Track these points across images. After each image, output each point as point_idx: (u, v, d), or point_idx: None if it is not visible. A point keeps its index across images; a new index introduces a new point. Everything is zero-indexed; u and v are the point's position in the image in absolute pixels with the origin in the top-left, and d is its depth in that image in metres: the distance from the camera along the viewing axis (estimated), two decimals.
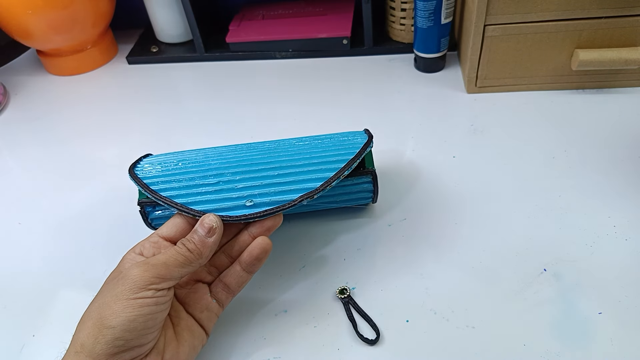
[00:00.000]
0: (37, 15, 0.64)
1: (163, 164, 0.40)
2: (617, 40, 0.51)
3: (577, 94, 0.56)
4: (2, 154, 0.60)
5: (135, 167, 0.41)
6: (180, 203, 0.36)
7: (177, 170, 0.39)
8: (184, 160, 0.40)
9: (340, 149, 0.40)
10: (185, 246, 0.33)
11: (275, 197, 0.36)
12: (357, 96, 0.61)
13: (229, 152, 0.41)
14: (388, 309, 0.37)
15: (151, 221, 0.41)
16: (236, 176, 0.38)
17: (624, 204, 0.43)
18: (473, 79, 0.57)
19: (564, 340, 0.34)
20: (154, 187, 0.38)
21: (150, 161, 0.41)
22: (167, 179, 0.38)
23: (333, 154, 0.39)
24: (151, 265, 0.31)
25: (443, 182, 0.47)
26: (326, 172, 0.37)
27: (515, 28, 0.52)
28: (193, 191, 0.37)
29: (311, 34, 0.68)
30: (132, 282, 0.30)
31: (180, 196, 0.37)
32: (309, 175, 0.37)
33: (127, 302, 0.29)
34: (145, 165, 0.40)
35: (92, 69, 0.74)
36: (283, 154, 0.39)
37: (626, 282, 0.37)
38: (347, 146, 0.40)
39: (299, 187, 0.37)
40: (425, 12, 0.57)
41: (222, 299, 0.36)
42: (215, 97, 0.64)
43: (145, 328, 0.30)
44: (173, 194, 0.37)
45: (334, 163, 0.38)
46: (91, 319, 0.30)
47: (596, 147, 0.49)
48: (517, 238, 0.41)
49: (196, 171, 0.39)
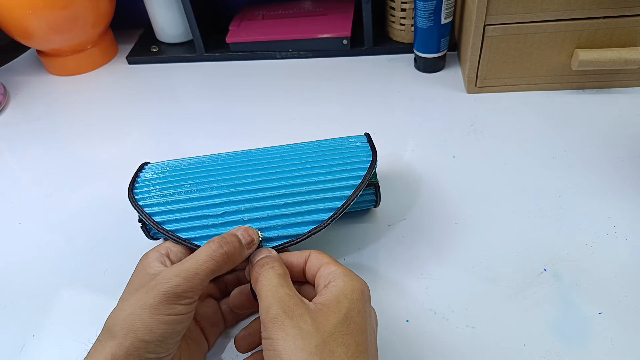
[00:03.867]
0: (37, 15, 0.64)
1: (163, 185, 0.40)
2: (617, 40, 0.51)
3: (577, 94, 0.56)
4: (2, 154, 0.60)
5: (134, 187, 0.40)
6: (186, 238, 0.36)
7: (178, 196, 0.38)
8: (185, 178, 0.40)
9: (345, 169, 0.39)
10: (223, 249, 0.32)
11: (284, 232, 0.36)
12: (357, 96, 0.61)
13: (230, 167, 0.40)
14: (388, 309, 0.37)
15: (154, 235, 0.41)
16: (241, 205, 0.37)
17: (624, 204, 0.43)
18: (473, 79, 0.57)
19: (563, 340, 0.34)
20: (156, 219, 0.37)
21: (150, 179, 0.41)
22: (169, 207, 0.38)
23: (339, 178, 0.38)
24: (183, 278, 0.29)
25: (443, 182, 0.47)
26: (334, 201, 0.37)
27: (516, 28, 0.52)
28: (198, 224, 0.37)
29: (311, 34, 0.68)
30: (164, 295, 0.29)
31: (185, 230, 0.36)
32: (316, 205, 0.37)
33: (161, 318, 0.28)
34: (145, 187, 0.40)
35: (92, 69, 0.74)
36: (287, 174, 0.39)
37: (626, 282, 0.37)
38: (352, 164, 0.39)
39: (307, 220, 0.36)
40: (425, 12, 0.57)
41: (229, 319, 0.37)
42: (215, 97, 0.64)
43: (175, 340, 0.29)
44: (177, 228, 0.37)
45: (341, 190, 0.37)
46: (122, 330, 0.28)
47: (596, 147, 0.49)
48: (517, 238, 0.41)
49: (199, 198, 0.38)
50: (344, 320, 0.27)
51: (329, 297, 0.28)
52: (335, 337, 0.26)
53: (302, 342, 0.26)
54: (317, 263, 0.32)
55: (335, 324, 0.27)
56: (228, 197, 0.38)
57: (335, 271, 0.30)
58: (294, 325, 0.27)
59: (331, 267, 0.31)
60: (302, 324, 0.27)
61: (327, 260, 0.32)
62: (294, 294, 0.29)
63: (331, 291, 0.29)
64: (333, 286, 0.29)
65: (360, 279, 0.30)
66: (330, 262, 0.31)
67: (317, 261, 0.32)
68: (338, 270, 0.30)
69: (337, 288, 0.29)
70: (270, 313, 0.28)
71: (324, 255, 0.32)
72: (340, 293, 0.28)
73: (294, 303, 0.28)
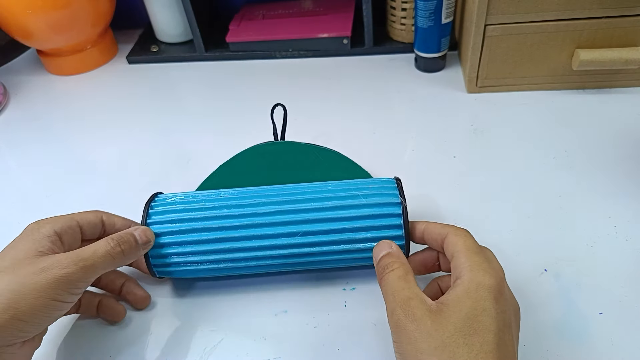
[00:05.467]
0: (37, 15, 0.64)
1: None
2: (617, 40, 0.51)
3: (577, 94, 0.56)
4: (2, 154, 0.60)
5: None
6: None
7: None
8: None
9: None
10: (121, 247, 0.33)
11: None
12: (357, 96, 0.61)
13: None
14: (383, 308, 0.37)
15: (153, 266, 0.38)
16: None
17: (624, 204, 0.43)
18: (473, 78, 0.57)
19: (564, 340, 0.34)
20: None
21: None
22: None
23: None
24: (80, 268, 0.30)
25: (443, 182, 0.47)
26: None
27: (516, 28, 0.51)
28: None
29: (311, 33, 0.68)
30: (57, 280, 0.29)
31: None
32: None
33: (47, 302, 0.29)
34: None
35: (92, 69, 0.74)
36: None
37: (626, 282, 0.37)
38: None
39: None
40: (425, 11, 0.57)
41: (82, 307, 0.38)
42: (215, 97, 0.64)
43: (49, 323, 0.30)
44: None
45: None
46: (1, 304, 0.28)
47: (596, 147, 0.49)
48: (517, 238, 0.41)
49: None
50: (466, 319, 0.26)
51: (452, 296, 0.28)
52: (456, 337, 0.26)
53: (422, 345, 0.26)
54: (450, 250, 0.31)
55: (455, 324, 0.26)
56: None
57: (462, 265, 0.29)
58: (415, 329, 0.27)
59: (461, 258, 0.30)
60: (422, 326, 0.27)
61: (460, 247, 0.30)
62: (415, 296, 0.28)
63: (455, 290, 0.28)
64: (458, 284, 0.28)
65: (492, 273, 0.28)
66: (461, 252, 0.30)
67: (451, 247, 0.31)
68: (466, 263, 0.29)
69: (461, 287, 0.28)
70: (393, 317, 0.28)
71: (458, 239, 0.31)
72: (463, 292, 0.28)
73: (415, 306, 0.28)
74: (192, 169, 0.53)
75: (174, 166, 0.54)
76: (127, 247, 0.33)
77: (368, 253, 0.36)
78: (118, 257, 0.33)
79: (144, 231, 0.35)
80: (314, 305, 0.38)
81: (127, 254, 0.33)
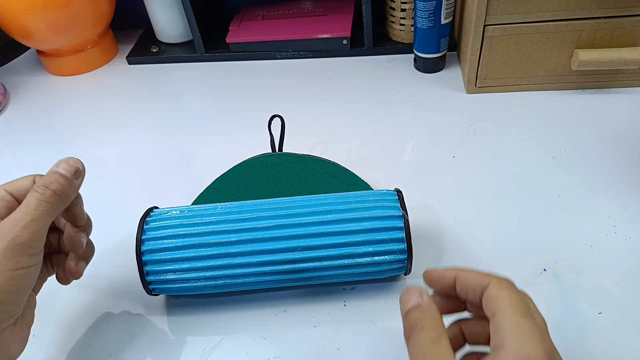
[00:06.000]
0: (37, 15, 0.64)
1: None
2: (617, 40, 0.51)
3: (577, 94, 0.56)
4: (2, 154, 0.60)
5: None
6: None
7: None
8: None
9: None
10: (50, 189, 0.30)
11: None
12: (357, 96, 0.61)
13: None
14: (389, 309, 0.37)
15: (149, 284, 0.37)
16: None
17: (624, 204, 0.43)
18: (473, 79, 0.57)
19: (564, 340, 0.34)
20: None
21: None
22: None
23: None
24: (21, 227, 0.28)
25: (443, 182, 0.47)
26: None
27: (515, 28, 0.52)
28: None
29: (311, 34, 0.68)
30: (6, 249, 0.27)
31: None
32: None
33: (12, 274, 0.27)
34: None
35: (92, 69, 0.74)
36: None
37: (626, 282, 0.37)
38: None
39: None
40: (425, 12, 0.57)
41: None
42: (215, 97, 0.64)
43: (26, 294, 0.29)
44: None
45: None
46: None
47: (596, 147, 0.49)
48: (517, 238, 0.41)
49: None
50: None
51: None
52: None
53: None
54: (492, 307, 0.25)
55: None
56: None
57: (508, 331, 0.24)
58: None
59: (505, 322, 0.24)
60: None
61: (504, 306, 0.25)
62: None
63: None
64: (501, 357, 0.23)
65: (542, 345, 0.24)
66: (506, 313, 0.25)
67: (493, 304, 0.25)
68: (513, 331, 0.24)
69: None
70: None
71: (501, 294, 0.26)
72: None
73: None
74: (193, 169, 0.53)
75: (174, 166, 0.54)
76: (57, 187, 0.31)
77: (370, 267, 0.36)
78: (53, 199, 0.30)
79: (67, 161, 0.33)
80: (313, 305, 0.38)
81: (61, 192, 0.31)
